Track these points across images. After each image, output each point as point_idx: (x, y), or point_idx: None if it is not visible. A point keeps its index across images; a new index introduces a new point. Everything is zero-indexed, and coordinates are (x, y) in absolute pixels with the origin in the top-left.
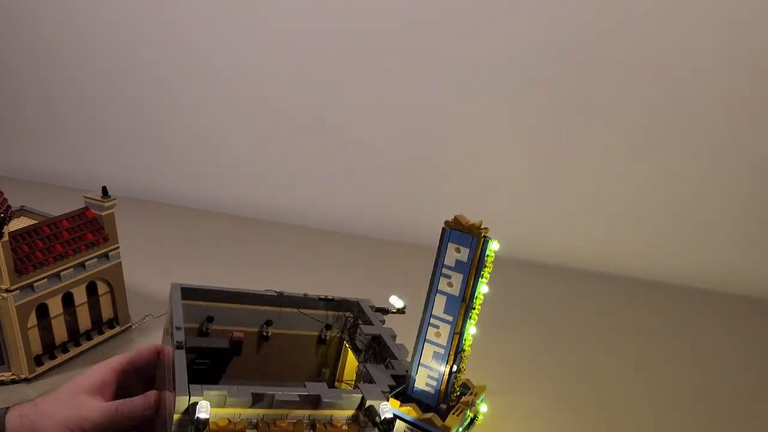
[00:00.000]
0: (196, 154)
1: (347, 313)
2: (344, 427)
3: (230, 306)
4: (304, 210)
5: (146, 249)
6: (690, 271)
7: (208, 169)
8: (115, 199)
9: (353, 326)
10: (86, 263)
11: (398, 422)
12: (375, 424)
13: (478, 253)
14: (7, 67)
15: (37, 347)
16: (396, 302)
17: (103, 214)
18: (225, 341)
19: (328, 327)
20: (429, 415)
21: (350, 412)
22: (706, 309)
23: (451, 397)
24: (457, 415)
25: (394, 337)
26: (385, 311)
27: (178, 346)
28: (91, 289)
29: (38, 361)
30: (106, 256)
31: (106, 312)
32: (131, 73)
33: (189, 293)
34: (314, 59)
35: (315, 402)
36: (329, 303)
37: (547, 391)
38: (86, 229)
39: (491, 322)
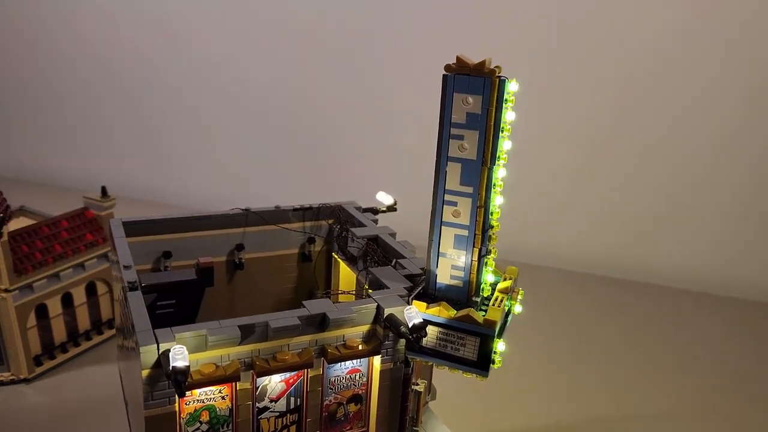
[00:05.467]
0: (197, 154)
1: (330, 221)
2: (361, 347)
3: (189, 235)
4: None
5: None
6: (692, 274)
7: (208, 169)
8: (114, 199)
9: (342, 232)
10: (85, 263)
11: (428, 327)
12: (401, 335)
13: (494, 100)
14: (8, 67)
15: (36, 347)
16: (385, 199)
17: (103, 214)
18: (191, 272)
19: (311, 240)
20: (465, 311)
21: (365, 328)
22: (708, 312)
23: (485, 287)
24: (498, 306)
25: (393, 234)
26: (374, 210)
27: (131, 287)
28: (91, 290)
29: (37, 361)
30: (105, 256)
31: (106, 312)
32: (131, 74)
33: (135, 228)
34: (314, 59)
35: (320, 322)
36: (306, 212)
37: (550, 389)
38: (85, 230)
39: None
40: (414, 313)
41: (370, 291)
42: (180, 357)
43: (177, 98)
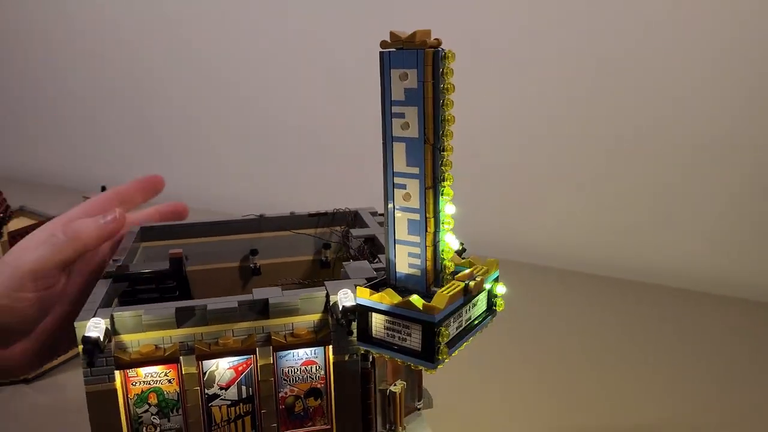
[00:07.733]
0: (196, 154)
1: (341, 227)
2: (309, 335)
3: (204, 240)
4: (302, 207)
5: None
6: (690, 273)
7: (207, 169)
8: None
9: (346, 234)
10: None
11: (375, 316)
12: (338, 321)
13: (431, 72)
14: (8, 67)
15: None
16: None
17: None
18: (164, 262)
19: (326, 246)
20: (406, 297)
21: (316, 317)
22: (708, 312)
23: (445, 275)
24: (447, 293)
25: None
26: None
27: (105, 276)
28: None
29: None
30: None
31: None
32: (131, 75)
33: (151, 233)
34: (317, 59)
35: (262, 309)
36: (322, 218)
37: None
38: None
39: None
40: (348, 296)
41: (325, 281)
42: (95, 329)
43: (176, 98)
